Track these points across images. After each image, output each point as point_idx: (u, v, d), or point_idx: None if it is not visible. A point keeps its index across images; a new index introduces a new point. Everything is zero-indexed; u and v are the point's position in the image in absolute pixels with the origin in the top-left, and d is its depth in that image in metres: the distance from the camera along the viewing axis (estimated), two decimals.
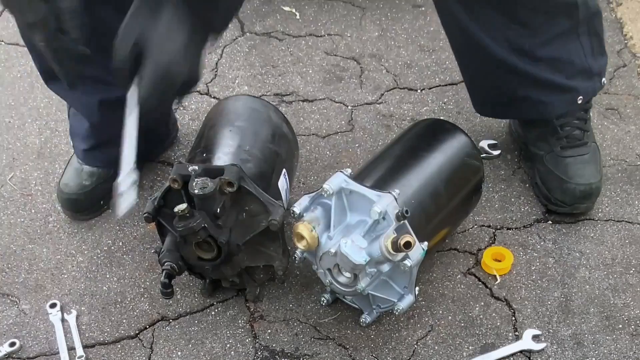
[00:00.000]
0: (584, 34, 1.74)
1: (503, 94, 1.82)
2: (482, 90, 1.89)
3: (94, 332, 1.66)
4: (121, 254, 1.81)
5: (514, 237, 1.81)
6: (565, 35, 1.72)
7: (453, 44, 1.84)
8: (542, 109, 1.81)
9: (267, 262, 1.61)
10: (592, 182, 1.79)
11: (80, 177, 1.86)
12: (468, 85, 1.92)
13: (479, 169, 1.72)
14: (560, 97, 1.79)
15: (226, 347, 1.63)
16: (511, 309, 1.68)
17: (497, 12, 1.67)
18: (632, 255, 1.76)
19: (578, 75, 1.78)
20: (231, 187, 1.50)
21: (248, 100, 1.80)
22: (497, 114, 1.98)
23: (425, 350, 1.61)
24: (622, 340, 1.61)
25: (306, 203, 1.52)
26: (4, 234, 1.86)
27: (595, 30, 1.76)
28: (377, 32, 2.39)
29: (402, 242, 1.38)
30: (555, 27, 1.70)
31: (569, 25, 1.71)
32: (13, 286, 1.75)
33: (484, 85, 1.85)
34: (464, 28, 1.71)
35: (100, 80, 1.66)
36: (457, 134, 1.71)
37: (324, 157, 2.02)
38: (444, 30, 1.83)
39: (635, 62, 2.25)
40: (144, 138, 1.39)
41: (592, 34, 1.75)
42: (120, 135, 1.37)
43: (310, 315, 1.68)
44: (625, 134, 2.04)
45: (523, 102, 1.81)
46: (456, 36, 1.81)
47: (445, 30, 1.83)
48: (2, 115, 2.16)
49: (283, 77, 2.24)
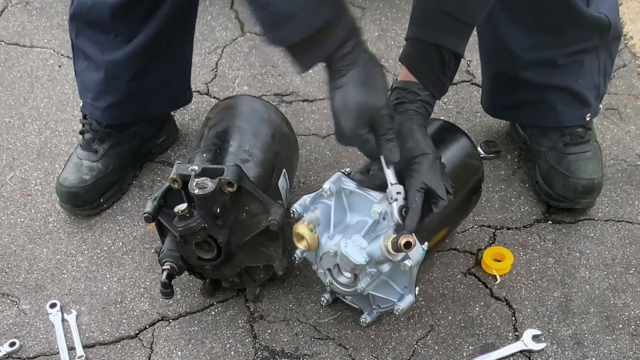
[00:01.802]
0: (603, 52, 1.77)
1: (520, 97, 1.83)
2: (499, 91, 1.89)
3: (94, 332, 1.66)
4: (121, 254, 1.81)
5: (514, 237, 1.81)
6: (590, 50, 1.75)
7: (481, 41, 1.86)
8: (553, 117, 1.82)
9: (267, 262, 1.61)
10: (595, 178, 1.79)
11: (80, 172, 1.86)
12: (485, 84, 1.94)
13: (479, 169, 1.72)
14: (573, 108, 1.81)
15: (226, 347, 1.63)
16: (511, 309, 1.68)
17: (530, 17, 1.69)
18: (632, 255, 1.76)
19: (592, 89, 1.80)
20: (231, 187, 1.50)
21: (248, 100, 1.80)
22: (508, 117, 1.99)
23: (425, 350, 1.61)
24: (622, 340, 1.61)
25: (306, 203, 1.52)
26: (4, 234, 1.86)
27: (611, 53, 1.80)
28: (377, 32, 2.38)
29: (402, 242, 1.38)
30: (585, 42, 1.73)
31: (598, 42, 1.74)
32: (13, 286, 1.75)
33: (504, 86, 1.86)
34: (494, 26, 1.74)
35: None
36: (457, 134, 1.71)
37: (324, 157, 2.02)
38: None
39: (635, 62, 2.25)
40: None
41: (608, 56, 1.79)
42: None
43: (310, 315, 1.68)
44: (625, 134, 2.04)
45: (537, 108, 1.82)
46: (485, 33, 1.82)
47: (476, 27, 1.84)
48: (2, 115, 2.16)
49: (283, 77, 2.24)
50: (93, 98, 1.85)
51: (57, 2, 2.49)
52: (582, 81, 1.77)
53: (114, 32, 1.76)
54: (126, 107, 1.86)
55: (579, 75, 1.77)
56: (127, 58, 1.78)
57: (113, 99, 1.83)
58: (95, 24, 1.77)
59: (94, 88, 1.84)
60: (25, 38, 2.40)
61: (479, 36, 1.86)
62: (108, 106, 1.84)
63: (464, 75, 2.22)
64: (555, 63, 1.75)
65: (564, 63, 1.75)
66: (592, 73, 1.78)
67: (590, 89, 1.79)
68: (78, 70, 1.87)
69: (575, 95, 1.79)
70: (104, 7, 1.72)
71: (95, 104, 1.85)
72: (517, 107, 1.87)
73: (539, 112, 1.83)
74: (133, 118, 1.90)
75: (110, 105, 1.84)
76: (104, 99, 1.84)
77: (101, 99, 1.84)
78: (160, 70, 1.85)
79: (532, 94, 1.81)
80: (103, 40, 1.78)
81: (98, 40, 1.79)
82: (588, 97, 1.80)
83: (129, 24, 1.75)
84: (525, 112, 1.87)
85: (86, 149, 1.89)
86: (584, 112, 1.81)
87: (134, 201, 1.92)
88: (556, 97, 1.80)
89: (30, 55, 2.34)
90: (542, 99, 1.81)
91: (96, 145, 1.88)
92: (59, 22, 2.43)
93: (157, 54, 1.80)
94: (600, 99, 1.84)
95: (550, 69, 1.75)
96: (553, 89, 1.78)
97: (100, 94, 1.84)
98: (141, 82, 1.83)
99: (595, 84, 1.79)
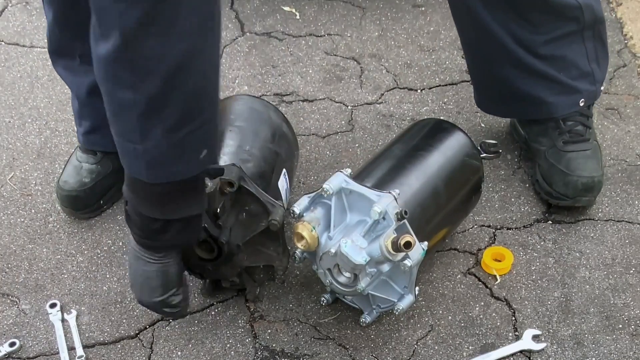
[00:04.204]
0: (589, 38, 1.76)
1: (508, 89, 1.83)
2: (487, 85, 1.89)
3: (94, 332, 1.66)
4: (121, 254, 1.81)
5: (514, 237, 1.81)
6: (570, 37, 1.74)
7: (463, 35, 1.86)
8: (544, 108, 1.82)
9: (267, 262, 1.61)
10: (595, 176, 1.79)
11: (79, 175, 1.86)
12: (474, 80, 1.94)
13: (479, 168, 1.72)
14: (563, 97, 1.80)
15: (226, 347, 1.63)
16: (511, 309, 1.68)
17: (507, 4, 1.69)
18: (632, 255, 1.76)
19: (581, 78, 1.79)
20: (231, 187, 1.49)
21: (248, 100, 1.80)
22: (500, 112, 1.99)
23: (425, 350, 1.61)
24: (622, 340, 1.61)
25: (306, 203, 1.52)
26: (4, 234, 1.86)
27: (600, 37, 1.79)
28: (377, 32, 2.39)
29: (402, 242, 1.38)
30: (560, 28, 1.72)
31: (575, 27, 1.73)
32: (13, 286, 1.75)
33: (490, 79, 1.86)
34: (475, 17, 1.73)
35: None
36: (457, 134, 1.72)
37: (324, 157, 2.02)
38: (454, 20, 1.84)
39: (635, 62, 2.25)
40: None
41: (596, 40, 1.78)
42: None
43: (310, 315, 1.68)
44: (625, 134, 2.04)
45: (526, 100, 1.82)
46: (467, 26, 1.82)
47: (455, 20, 1.84)
48: (2, 115, 2.16)
49: (283, 77, 2.24)
50: (76, 123, 1.88)
51: None
52: (566, 73, 1.77)
53: (77, 57, 1.73)
54: (103, 134, 1.74)
55: (562, 65, 1.76)
56: (94, 82, 1.74)
57: (89, 124, 1.84)
58: (61, 51, 1.76)
59: (76, 113, 1.87)
60: (25, 38, 2.40)
61: (460, 29, 1.85)
62: (86, 132, 1.85)
63: (464, 75, 2.22)
64: (537, 53, 1.74)
65: (544, 53, 1.74)
66: (577, 64, 1.77)
67: (578, 79, 1.79)
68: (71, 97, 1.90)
69: (562, 85, 1.78)
70: (65, 30, 1.70)
71: (78, 129, 1.88)
72: (508, 102, 1.87)
73: (531, 105, 1.83)
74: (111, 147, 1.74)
75: (87, 131, 1.85)
76: (82, 124, 1.85)
77: (81, 125, 1.86)
78: None
79: (520, 86, 1.80)
80: (72, 65, 1.77)
81: (68, 67, 1.78)
82: (577, 86, 1.79)
83: (83, 41, 1.69)
84: (518, 106, 1.87)
85: (85, 151, 1.88)
86: (576, 98, 1.81)
87: None
88: (544, 89, 1.79)
89: (30, 55, 2.34)
90: (531, 91, 1.80)
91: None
92: None
93: None
94: (599, 83, 1.83)
95: (533, 60, 1.75)
96: (540, 79, 1.77)
97: (79, 120, 1.86)
98: None
99: (587, 72, 1.79)
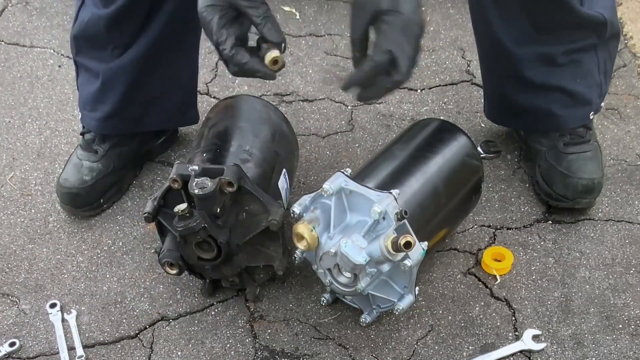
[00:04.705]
0: (602, 50, 1.77)
1: (522, 102, 1.83)
2: (501, 97, 1.88)
3: (94, 332, 1.66)
4: (121, 254, 1.81)
5: (514, 237, 1.81)
6: (587, 48, 1.75)
7: (480, 48, 1.86)
8: (554, 121, 1.82)
9: (267, 262, 1.61)
10: (595, 177, 1.79)
11: (80, 172, 1.86)
12: (488, 91, 1.93)
13: (479, 168, 1.72)
14: (575, 109, 1.81)
15: (226, 347, 1.63)
16: (511, 309, 1.68)
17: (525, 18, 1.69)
18: (632, 255, 1.76)
19: (593, 87, 1.80)
20: (231, 187, 1.50)
21: (248, 100, 1.80)
22: (510, 123, 1.99)
23: (425, 350, 1.61)
24: (622, 340, 1.61)
25: (306, 203, 1.52)
26: (4, 234, 1.86)
27: (610, 51, 1.80)
28: None
29: (402, 242, 1.38)
30: (583, 40, 1.73)
31: (596, 41, 1.74)
32: (13, 286, 1.75)
33: (505, 91, 1.85)
34: (493, 31, 1.73)
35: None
36: (457, 134, 1.71)
37: (324, 157, 2.02)
38: (474, 32, 1.85)
39: (635, 62, 2.25)
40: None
41: (607, 53, 1.78)
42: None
43: (310, 315, 1.68)
44: (625, 134, 2.04)
45: (538, 114, 1.82)
46: (484, 39, 1.82)
47: (475, 32, 1.85)
48: (2, 115, 2.16)
49: (283, 77, 2.24)
50: (90, 109, 1.87)
51: (57, 2, 2.50)
52: (582, 80, 1.77)
53: (110, 44, 1.77)
54: (121, 119, 1.86)
55: (578, 74, 1.77)
56: (122, 68, 1.79)
57: (108, 109, 1.84)
58: (92, 39, 1.78)
59: (90, 99, 1.86)
60: (25, 38, 2.40)
61: (478, 45, 1.86)
62: (103, 117, 1.85)
63: (464, 75, 2.22)
64: (554, 62, 1.74)
65: (562, 62, 1.74)
66: (592, 72, 1.78)
67: (591, 88, 1.79)
68: (79, 84, 1.90)
69: (575, 96, 1.78)
70: (99, 20, 1.74)
71: (91, 115, 1.87)
72: (519, 114, 1.87)
73: (540, 118, 1.83)
74: (127, 130, 1.90)
75: (105, 115, 1.85)
76: (100, 109, 1.85)
77: (97, 109, 1.86)
78: (156, 84, 1.85)
79: (533, 98, 1.80)
80: (100, 55, 1.80)
81: (96, 56, 1.81)
82: (589, 96, 1.80)
83: (124, 34, 1.75)
84: (527, 118, 1.86)
85: (86, 150, 1.89)
86: (586, 110, 1.81)
87: (134, 201, 1.92)
88: (556, 101, 1.79)
89: (30, 55, 2.34)
90: (542, 105, 1.80)
91: (96, 146, 1.89)
92: (59, 22, 2.43)
93: (152, 66, 1.80)
94: (603, 97, 1.84)
95: (550, 68, 1.75)
96: (553, 91, 1.78)
97: (96, 105, 1.85)
98: (136, 94, 1.83)
99: (597, 83, 1.79)
